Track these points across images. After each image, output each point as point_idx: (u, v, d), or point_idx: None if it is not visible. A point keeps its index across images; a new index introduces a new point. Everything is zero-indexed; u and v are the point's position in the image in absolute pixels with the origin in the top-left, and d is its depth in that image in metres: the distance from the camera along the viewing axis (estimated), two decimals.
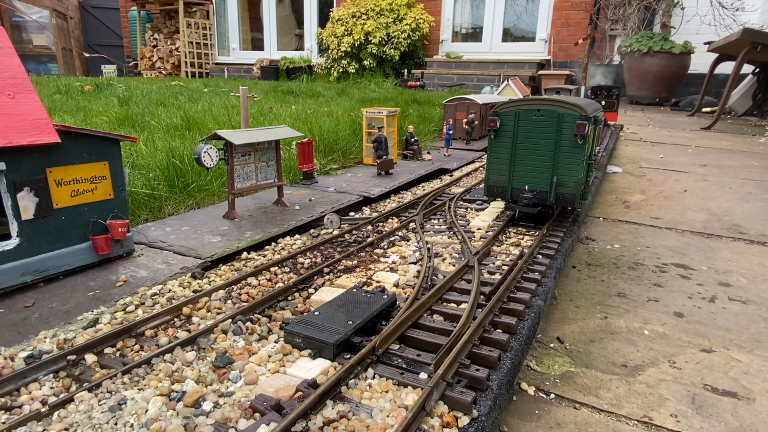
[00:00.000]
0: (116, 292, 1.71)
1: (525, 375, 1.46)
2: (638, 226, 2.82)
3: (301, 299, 1.68)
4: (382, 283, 1.75)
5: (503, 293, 1.62)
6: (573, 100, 2.33)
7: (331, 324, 1.37)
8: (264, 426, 1.03)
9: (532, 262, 1.97)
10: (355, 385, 1.19)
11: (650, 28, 8.09)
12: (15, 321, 1.52)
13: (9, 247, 1.67)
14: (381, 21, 9.04)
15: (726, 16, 7.49)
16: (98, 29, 14.01)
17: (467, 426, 1.07)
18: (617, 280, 2.12)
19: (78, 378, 1.23)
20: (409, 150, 4.25)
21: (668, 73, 7.53)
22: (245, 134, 2.52)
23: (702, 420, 1.28)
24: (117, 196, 1.96)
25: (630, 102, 8.11)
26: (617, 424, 1.27)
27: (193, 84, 8.70)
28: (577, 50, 8.72)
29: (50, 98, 5.71)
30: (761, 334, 1.70)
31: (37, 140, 1.66)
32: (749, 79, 7.20)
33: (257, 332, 1.44)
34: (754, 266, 2.29)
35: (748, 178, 3.82)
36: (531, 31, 9.36)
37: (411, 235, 2.34)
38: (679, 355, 1.57)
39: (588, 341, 1.65)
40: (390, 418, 1.07)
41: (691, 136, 5.58)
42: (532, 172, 2.35)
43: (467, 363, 1.23)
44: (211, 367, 1.27)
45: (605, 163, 4.09)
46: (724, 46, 6.20)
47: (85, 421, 1.07)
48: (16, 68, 1.74)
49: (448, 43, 10.02)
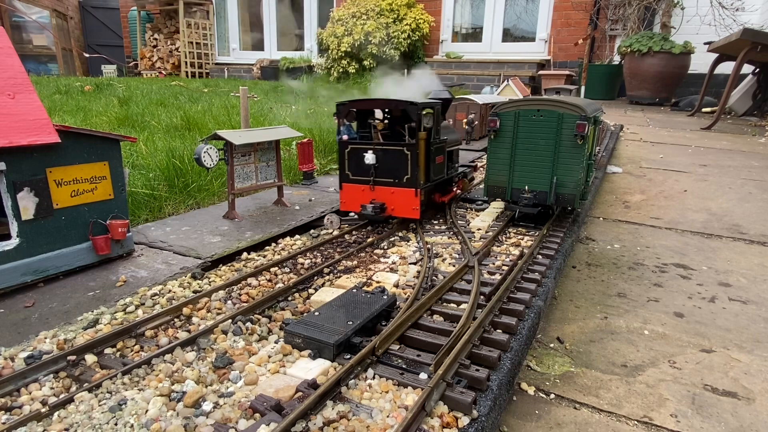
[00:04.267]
0: (116, 293, 1.71)
1: (525, 375, 1.46)
2: (638, 226, 2.82)
3: (301, 299, 1.68)
4: (382, 284, 1.75)
5: (503, 293, 1.62)
6: (573, 101, 2.33)
7: (331, 324, 1.37)
8: (264, 426, 1.03)
9: (532, 263, 1.97)
10: (355, 385, 1.19)
11: (650, 28, 8.09)
12: (15, 321, 1.52)
13: (9, 247, 1.67)
14: (381, 21, 9.04)
15: (726, 16, 7.49)
16: (98, 29, 14.00)
17: (467, 426, 1.07)
18: (617, 280, 2.12)
19: (78, 378, 1.23)
20: None
21: (668, 73, 7.52)
22: (245, 134, 2.52)
23: (702, 420, 1.28)
24: (117, 196, 1.96)
25: (630, 102, 8.11)
26: (617, 424, 1.27)
27: (193, 84, 8.71)
28: (577, 50, 8.72)
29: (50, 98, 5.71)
30: (761, 334, 1.70)
31: (37, 140, 1.66)
32: (749, 79, 7.20)
33: (257, 332, 1.44)
34: (754, 266, 2.29)
35: (748, 178, 3.82)
36: (531, 31, 9.35)
37: (411, 235, 2.34)
38: (679, 355, 1.57)
39: (588, 341, 1.65)
40: (390, 419, 1.07)
41: (691, 136, 5.58)
42: (532, 173, 2.35)
43: (467, 363, 1.23)
44: (211, 368, 1.27)
45: (605, 163, 4.09)
46: (724, 46, 6.20)
47: (85, 422, 1.08)
48: (16, 68, 1.74)
49: (448, 43, 10.02)
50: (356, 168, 2.35)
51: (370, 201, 2.34)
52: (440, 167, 2.50)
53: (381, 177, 2.33)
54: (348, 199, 2.42)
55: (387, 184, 2.33)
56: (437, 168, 2.45)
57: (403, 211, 2.32)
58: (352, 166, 2.36)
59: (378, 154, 2.29)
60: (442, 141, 2.47)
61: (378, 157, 2.29)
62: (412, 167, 2.25)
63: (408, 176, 2.27)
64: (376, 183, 2.34)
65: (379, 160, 2.29)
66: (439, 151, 2.45)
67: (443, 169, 2.55)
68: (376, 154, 2.29)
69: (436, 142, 2.38)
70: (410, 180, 2.27)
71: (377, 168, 2.31)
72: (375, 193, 2.35)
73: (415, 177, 2.26)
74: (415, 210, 2.29)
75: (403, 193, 2.30)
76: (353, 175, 2.37)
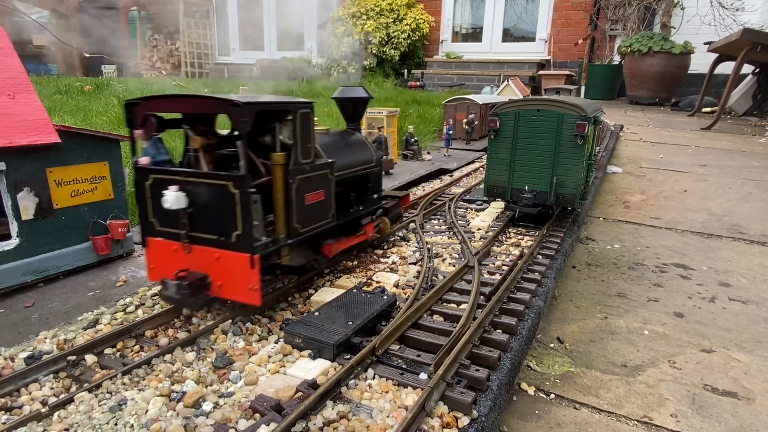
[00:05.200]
0: (116, 293, 1.71)
1: (525, 375, 1.46)
2: (638, 226, 2.82)
3: (302, 300, 1.68)
4: (382, 284, 1.75)
5: (503, 293, 1.62)
6: (573, 101, 2.33)
7: (331, 324, 1.37)
8: (264, 426, 1.03)
9: (532, 263, 1.97)
10: (355, 385, 1.19)
11: (650, 28, 8.09)
12: (15, 321, 1.52)
13: (9, 247, 1.67)
14: (381, 21, 9.04)
15: (726, 16, 7.49)
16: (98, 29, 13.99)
17: (467, 426, 1.07)
18: (617, 280, 2.12)
19: (78, 378, 1.23)
20: (409, 150, 4.25)
21: (668, 73, 7.52)
22: None
23: (702, 420, 1.28)
24: (117, 196, 1.96)
25: (630, 102, 8.11)
26: (617, 424, 1.27)
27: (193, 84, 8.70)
28: (577, 50, 8.71)
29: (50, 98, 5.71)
30: (761, 334, 1.70)
31: (37, 140, 1.66)
32: (749, 79, 7.20)
33: (257, 333, 1.44)
34: (754, 266, 2.29)
35: (748, 178, 3.82)
36: (531, 31, 9.35)
37: (411, 235, 2.34)
38: (679, 355, 1.57)
39: (588, 341, 1.65)
40: (390, 419, 1.07)
41: (691, 136, 5.58)
42: (532, 173, 2.35)
43: (467, 363, 1.23)
44: (211, 368, 1.27)
45: (605, 163, 4.09)
46: (724, 46, 6.19)
47: (86, 422, 1.07)
48: (16, 68, 1.74)
49: (448, 43, 10.02)
50: (164, 213, 1.44)
51: (183, 270, 1.45)
52: (318, 209, 1.61)
53: (199, 231, 1.44)
54: (157, 263, 1.53)
55: (209, 243, 1.43)
56: (310, 211, 1.57)
57: (234, 288, 1.42)
58: (159, 210, 1.45)
59: (192, 193, 1.41)
60: (319, 167, 1.58)
61: (194, 198, 1.41)
62: (244, 216, 1.35)
63: (238, 232, 1.37)
64: (192, 240, 1.45)
65: (195, 202, 1.42)
66: (314, 183, 1.57)
67: (327, 210, 1.66)
68: (189, 191, 1.41)
69: (303, 169, 1.50)
70: (242, 238, 1.37)
71: (192, 215, 1.43)
72: (192, 257, 1.46)
73: (249, 233, 1.36)
74: (252, 291, 1.39)
75: (231, 260, 1.40)
76: (161, 224, 1.49)
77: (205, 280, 1.44)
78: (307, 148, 1.52)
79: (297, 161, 1.48)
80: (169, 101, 1.48)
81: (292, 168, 1.46)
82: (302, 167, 1.50)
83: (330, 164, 1.65)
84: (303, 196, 1.52)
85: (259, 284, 1.39)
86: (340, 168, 1.73)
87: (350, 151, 1.90)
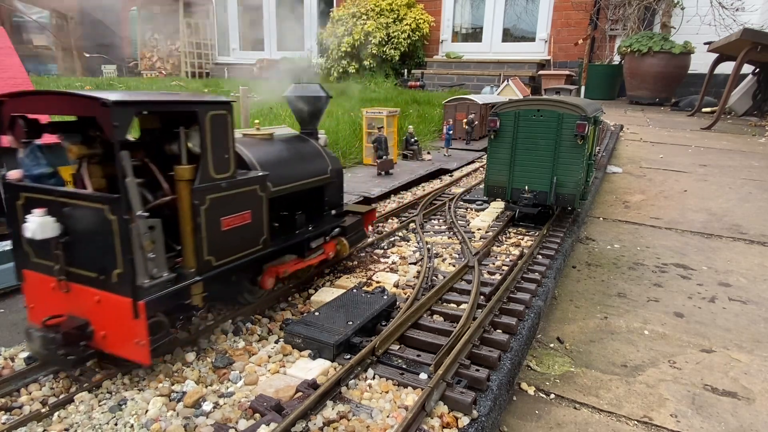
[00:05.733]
0: None
1: (525, 375, 1.46)
2: (638, 226, 2.82)
3: (302, 300, 1.68)
4: (382, 284, 1.75)
5: (503, 294, 1.62)
6: (573, 101, 2.33)
7: (331, 324, 1.37)
8: (264, 426, 1.03)
9: (532, 263, 1.97)
10: (355, 385, 1.19)
11: (650, 28, 8.09)
12: (15, 321, 1.52)
13: (9, 247, 1.67)
14: (381, 21, 9.04)
15: (726, 16, 7.49)
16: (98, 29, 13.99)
17: (467, 426, 1.07)
18: (617, 280, 2.12)
19: (78, 378, 1.23)
20: (409, 150, 4.25)
21: (668, 73, 7.52)
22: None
23: (702, 420, 1.28)
24: None
25: (630, 102, 8.11)
26: (617, 424, 1.27)
27: (193, 84, 8.70)
28: (577, 50, 8.71)
29: None
30: (761, 334, 1.70)
31: None
32: (749, 79, 7.20)
33: (257, 333, 1.44)
34: (754, 266, 2.29)
35: (748, 178, 3.82)
36: (531, 32, 9.35)
37: (411, 235, 2.34)
38: (679, 355, 1.57)
39: (588, 341, 1.65)
40: (390, 419, 1.08)
41: (691, 136, 5.58)
42: (532, 173, 2.35)
43: (467, 363, 1.23)
44: (211, 368, 1.27)
45: (605, 163, 4.09)
46: (724, 46, 6.19)
47: (85, 422, 1.07)
48: (16, 68, 1.74)
49: (448, 43, 10.02)
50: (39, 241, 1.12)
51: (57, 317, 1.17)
52: (241, 235, 1.33)
53: (78, 265, 1.16)
54: (36, 300, 1.25)
55: (88, 282, 1.15)
56: (229, 238, 1.29)
57: (117, 341, 1.14)
58: None
59: (69, 217, 1.13)
60: (241, 183, 1.31)
61: (69, 224, 1.13)
62: (124, 250, 1.07)
63: (119, 270, 1.09)
64: (69, 276, 1.17)
65: (71, 229, 1.13)
66: (233, 203, 1.29)
67: (255, 235, 1.38)
68: (65, 215, 1.13)
69: (217, 186, 1.23)
70: (123, 278, 1.10)
71: (69, 246, 1.15)
72: (71, 298, 1.17)
73: (130, 272, 1.09)
74: (139, 345, 1.11)
75: (112, 305, 1.12)
76: (37, 255, 1.20)
77: (86, 328, 1.14)
78: (224, 160, 1.23)
79: (208, 176, 1.19)
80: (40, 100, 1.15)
81: (200, 186, 1.18)
82: (216, 184, 1.22)
83: (260, 178, 1.35)
84: (218, 219, 1.24)
85: (146, 338, 1.09)
86: (281, 182, 1.47)
87: (297, 161, 1.61)
